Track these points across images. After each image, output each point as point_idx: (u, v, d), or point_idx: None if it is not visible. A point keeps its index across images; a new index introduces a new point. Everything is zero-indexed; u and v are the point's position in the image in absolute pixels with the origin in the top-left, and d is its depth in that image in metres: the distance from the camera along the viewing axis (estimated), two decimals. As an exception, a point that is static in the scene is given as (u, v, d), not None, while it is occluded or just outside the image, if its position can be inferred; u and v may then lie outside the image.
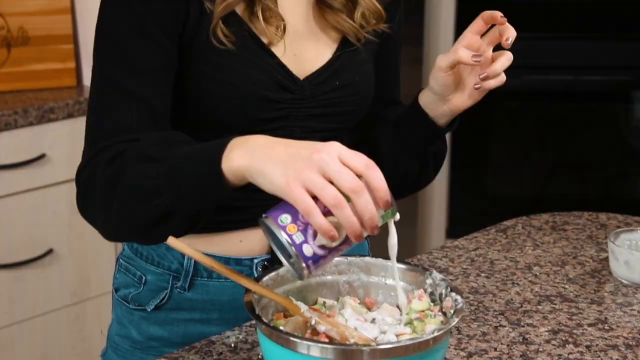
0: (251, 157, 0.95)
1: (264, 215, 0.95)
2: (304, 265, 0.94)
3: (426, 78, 3.29)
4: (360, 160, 0.91)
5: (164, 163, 1.02)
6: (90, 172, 1.09)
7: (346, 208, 0.89)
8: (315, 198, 0.90)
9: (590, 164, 3.36)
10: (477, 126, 3.33)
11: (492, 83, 1.19)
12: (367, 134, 1.37)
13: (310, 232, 0.93)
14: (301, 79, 1.21)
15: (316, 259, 0.95)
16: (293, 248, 0.93)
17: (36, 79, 2.43)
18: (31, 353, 2.30)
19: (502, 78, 1.19)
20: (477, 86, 1.19)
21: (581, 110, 3.33)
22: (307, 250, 0.93)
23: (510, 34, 1.16)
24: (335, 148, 0.92)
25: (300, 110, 1.21)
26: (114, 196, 1.06)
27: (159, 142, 1.05)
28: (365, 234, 0.93)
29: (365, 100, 1.29)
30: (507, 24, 1.16)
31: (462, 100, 1.22)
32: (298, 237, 0.93)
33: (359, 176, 0.91)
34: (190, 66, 1.15)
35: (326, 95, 1.23)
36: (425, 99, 1.26)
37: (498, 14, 1.16)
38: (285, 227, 0.93)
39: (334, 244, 0.94)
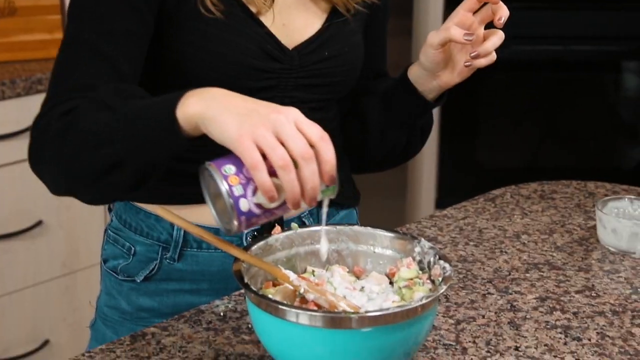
0: (207, 105, 0.95)
1: (207, 162, 0.94)
2: (235, 221, 0.93)
3: (415, 50, 3.28)
4: (315, 131, 0.92)
5: (119, 112, 1.01)
6: (44, 124, 1.08)
7: (292, 172, 0.90)
8: (264, 157, 0.90)
9: (580, 134, 3.36)
10: (466, 97, 3.32)
11: (483, 61, 1.19)
12: (356, 106, 1.37)
13: (251, 187, 0.93)
14: (290, 48, 1.21)
15: (250, 216, 0.94)
16: (231, 199, 0.92)
17: (23, 50, 2.41)
18: (21, 324, 2.31)
19: (493, 57, 1.18)
20: (467, 64, 1.19)
21: (570, 80, 3.33)
22: (244, 204, 0.93)
23: (503, 13, 1.16)
24: (294, 113, 0.92)
25: (288, 80, 1.21)
26: (64, 146, 1.04)
27: (118, 92, 1.05)
28: (303, 205, 0.93)
29: (354, 71, 1.29)
30: (500, 2, 1.16)
31: (451, 77, 1.22)
32: (238, 190, 0.92)
33: (312, 146, 0.91)
34: (175, 34, 1.15)
35: (315, 66, 1.23)
36: (415, 74, 1.25)
37: None
38: (227, 177, 0.92)
39: (271, 206, 0.94)
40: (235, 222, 0.94)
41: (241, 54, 1.16)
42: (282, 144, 0.90)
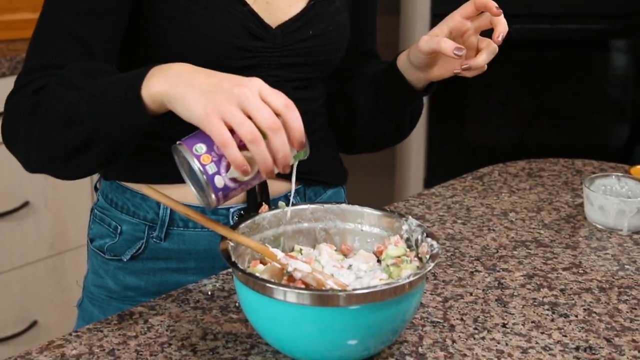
0: (171, 84, 0.95)
1: (178, 142, 0.96)
2: (213, 196, 0.95)
3: (403, 28, 3.28)
4: (280, 100, 0.92)
5: (86, 90, 1.02)
6: (15, 102, 1.10)
7: (262, 144, 0.91)
8: (232, 131, 0.91)
9: (567, 113, 3.36)
10: (454, 76, 3.32)
11: (473, 73, 1.17)
12: (344, 86, 1.36)
13: (223, 164, 0.94)
14: (273, 27, 1.20)
15: (226, 191, 0.96)
16: (205, 177, 0.94)
17: (8, 29, 2.39)
18: (9, 306, 2.30)
19: (483, 68, 1.17)
20: (456, 72, 1.18)
21: (558, 59, 3.33)
22: (219, 181, 0.95)
23: (502, 29, 1.13)
24: (257, 84, 0.93)
25: (271, 59, 1.20)
26: (34, 125, 1.06)
27: (84, 71, 1.06)
28: (276, 171, 0.94)
29: (338, 51, 1.28)
30: (501, 16, 1.13)
31: (439, 73, 1.21)
32: (211, 168, 0.94)
33: (278, 115, 0.92)
34: (156, 11, 1.14)
35: (298, 45, 1.22)
36: (403, 65, 1.24)
37: (493, 4, 1.12)
38: (199, 157, 0.94)
39: (245, 178, 0.95)
40: (214, 197, 0.95)
41: (223, 32, 1.15)
42: (249, 116, 0.91)
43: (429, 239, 1.04)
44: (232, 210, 1.24)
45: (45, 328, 2.36)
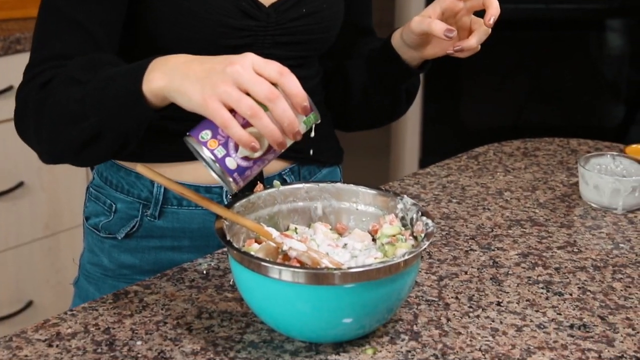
0: (170, 78, 0.96)
1: (187, 134, 0.96)
2: (230, 179, 0.95)
3: (399, 6, 3.27)
4: (273, 68, 0.92)
5: (89, 86, 1.04)
6: (25, 95, 1.11)
7: (263, 117, 0.91)
8: (233, 111, 0.92)
9: (563, 93, 3.36)
10: (450, 56, 3.31)
11: (466, 54, 1.17)
12: (340, 64, 1.36)
13: (231, 145, 0.94)
14: (266, 5, 1.19)
15: (241, 171, 0.96)
16: (217, 164, 0.94)
17: (1, 9, 2.37)
18: (4, 286, 2.30)
19: (477, 49, 1.16)
20: (449, 52, 1.18)
21: (554, 39, 3.32)
22: (230, 163, 0.95)
23: (493, 12, 1.13)
24: (248, 59, 0.93)
25: (265, 38, 1.20)
26: (43, 121, 1.08)
27: (86, 65, 1.07)
28: (288, 141, 0.94)
29: (332, 29, 1.27)
30: None
31: (433, 52, 1.21)
32: (219, 152, 0.94)
33: (276, 84, 0.92)
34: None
35: (292, 23, 1.21)
36: (397, 43, 1.24)
37: None
38: (206, 143, 0.94)
39: (257, 154, 0.95)
40: (230, 180, 0.96)
41: (217, 12, 1.15)
42: (248, 93, 0.91)
43: (424, 218, 1.04)
44: (226, 188, 1.24)
45: (40, 308, 2.36)
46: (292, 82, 0.92)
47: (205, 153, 0.94)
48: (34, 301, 2.35)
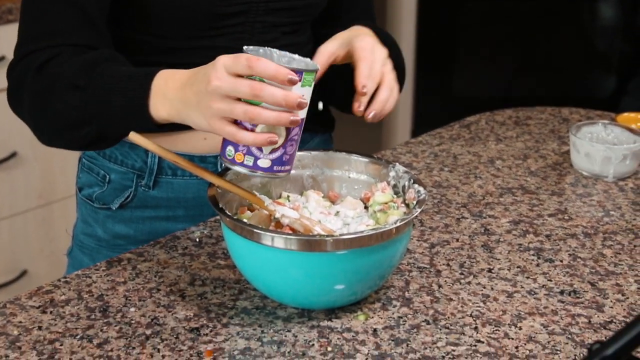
0: (170, 106, 1.01)
1: (219, 156, 1.00)
2: (273, 174, 0.97)
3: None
4: (242, 64, 0.93)
5: (89, 92, 1.05)
6: (20, 74, 1.11)
7: (261, 113, 0.93)
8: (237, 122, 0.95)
9: (554, 64, 3.36)
10: (442, 27, 3.31)
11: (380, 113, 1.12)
12: (332, 31, 1.35)
13: (254, 149, 0.96)
14: (260, -28, 1.19)
15: (278, 162, 0.97)
16: (254, 172, 0.96)
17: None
18: (-1, 256, 2.31)
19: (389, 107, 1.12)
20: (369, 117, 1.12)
21: (546, 9, 3.31)
22: (264, 163, 0.96)
23: (377, 107, 1.09)
24: (219, 66, 0.94)
25: (259, 5, 1.19)
26: (44, 123, 1.11)
27: (82, 66, 1.07)
28: (300, 113, 0.95)
29: None
30: (381, 92, 1.10)
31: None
32: (249, 160, 0.96)
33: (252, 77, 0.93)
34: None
35: None
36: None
37: (360, 83, 1.09)
38: (234, 159, 0.96)
39: (281, 141, 0.95)
40: (276, 174, 0.97)
41: (211, -20, 1.14)
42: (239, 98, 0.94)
43: (415, 185, 1.05)
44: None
45: (35, 277, 2.37)
46: (263, 67, 0.92)
47: (239, 169, 0.96)
48: (29, 270, 2.36)
